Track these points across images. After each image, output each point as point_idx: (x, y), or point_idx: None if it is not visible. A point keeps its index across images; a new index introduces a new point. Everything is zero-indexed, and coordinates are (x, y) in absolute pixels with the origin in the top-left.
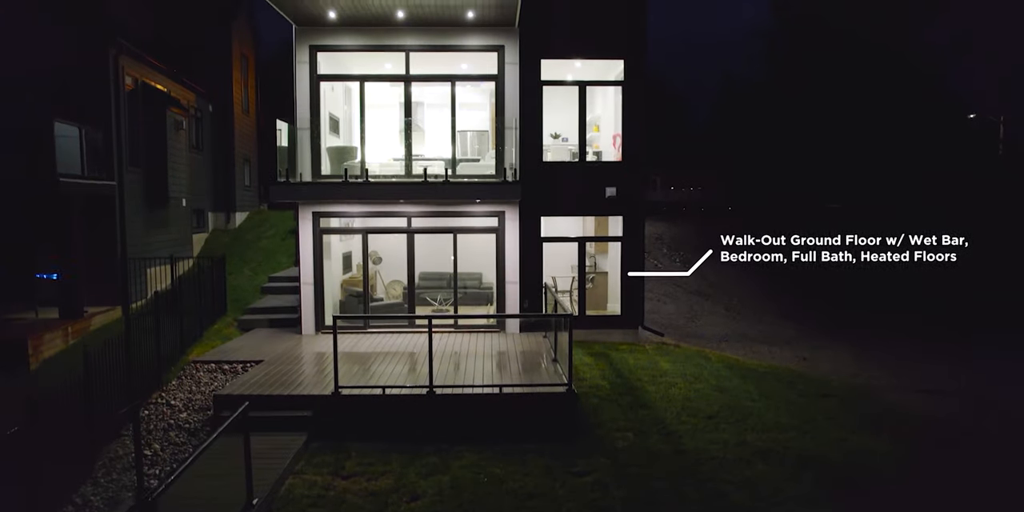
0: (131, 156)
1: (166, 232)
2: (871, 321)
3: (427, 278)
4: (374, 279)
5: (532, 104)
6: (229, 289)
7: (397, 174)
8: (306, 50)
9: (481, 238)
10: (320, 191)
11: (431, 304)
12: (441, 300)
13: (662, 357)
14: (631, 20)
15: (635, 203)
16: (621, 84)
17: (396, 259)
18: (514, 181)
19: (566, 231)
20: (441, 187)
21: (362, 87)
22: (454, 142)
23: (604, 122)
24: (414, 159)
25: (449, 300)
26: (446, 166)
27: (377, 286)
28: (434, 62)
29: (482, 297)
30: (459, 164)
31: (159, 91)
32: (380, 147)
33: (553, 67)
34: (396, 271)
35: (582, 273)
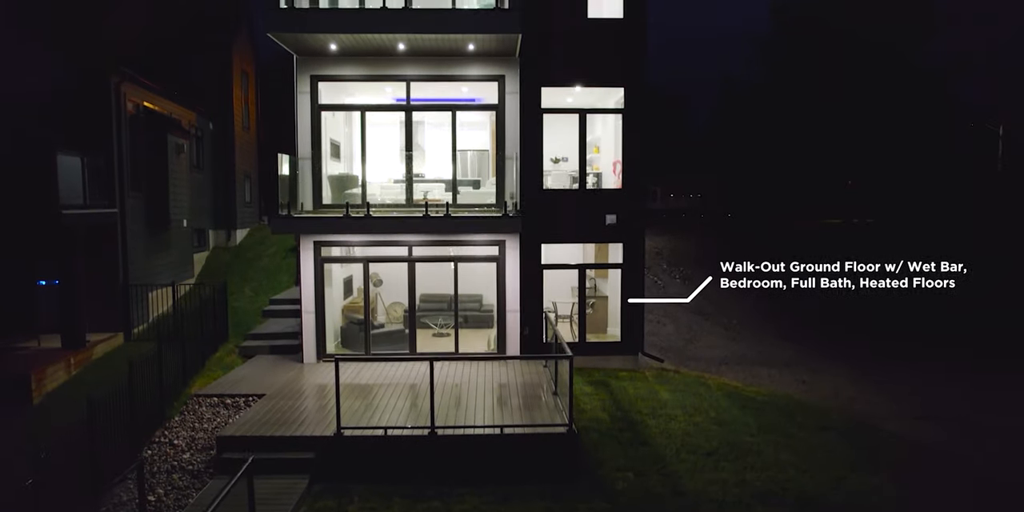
0: (132, 181)
1: (167, 254)
2: (870, 342)
3: (428, 300)
4: (375, 302)
5: (532, 132)
6: (230, 311)
7: (398, 202)
8: (307, 80)
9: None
10: (321, 225)
11: (431, 327)
12: (441, 324)
13: (662, 385)
14: (631, 49)
15: (635, 230)
16: (621, 112)
17: (397, 281)
18: (515, 215)
19: (566, 258)
20: (442, 221)
21: (363, 117)
22: (455, 168)
23: (604, 146)
24: (415, 181)
25: (449, 324)
26: (446, 188)
27: (378, 308)
28: (435, 91)
29: (483, 320)
30: (459, 192)
31: (160, 115)
32: (380, 167)
33: (553, 94)
34: (397, 293)
35: (582, 299)
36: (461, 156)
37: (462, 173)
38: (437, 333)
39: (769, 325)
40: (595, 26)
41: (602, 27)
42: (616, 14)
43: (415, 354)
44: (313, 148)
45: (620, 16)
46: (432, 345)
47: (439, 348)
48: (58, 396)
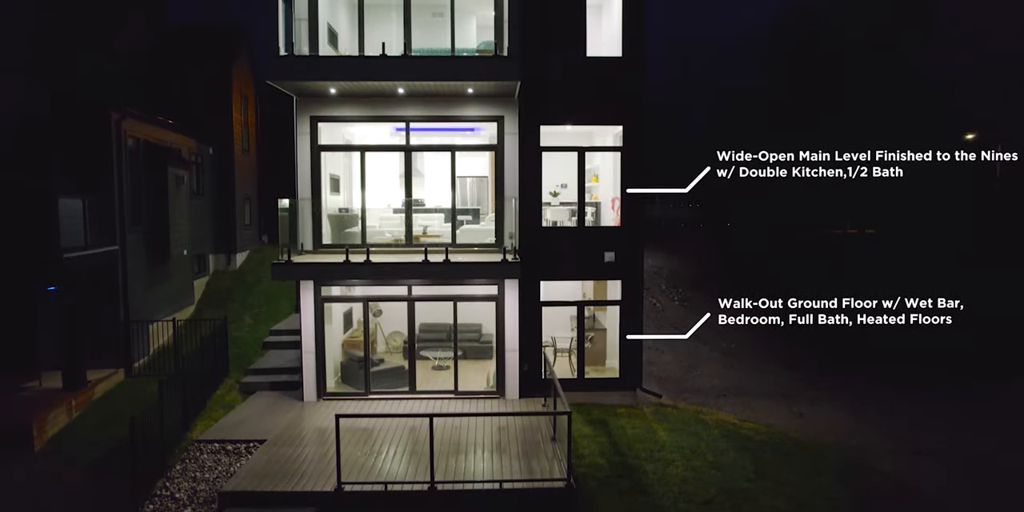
0: (133, 216)
1: (168, 283)
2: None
3: (427, 330)
4: (375, 332)
5: (531, 170)
6: (231, 341)
7: (397, 238)
8: (307, 121)
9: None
10: (321, 272)
11: (430, 360)
12: (441, 358)
13: (660, 424)
14: (630, 87)
15: (634, 267)
16: (620, 150)
17: (397, 310)
18: (514, 260)
19: (566, 295)
20: (441, 267)
21: (363, 156)
22: (454, 200)
23: (604, 179)
24: (414, 210)
25: (449, 357)
26: (445, 218)
27: (378, 337)
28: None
29: (482, 351)
30: (459, 226)
31: (160, 147)
32: (379, 194)
33: (552, 132)
34: (397, 322)
35: (581, 335)
36: (460, 183)
37: (461, 201)
38: (437, 366)
39: (768, 352)
40: (594, 64)
41: (601, 65)
42: (615, 52)
43: (415, 392)
44: (313, 188)
45: (619, 54)
46: (432, 379)
47: (439, 383)
48: (60, 442)
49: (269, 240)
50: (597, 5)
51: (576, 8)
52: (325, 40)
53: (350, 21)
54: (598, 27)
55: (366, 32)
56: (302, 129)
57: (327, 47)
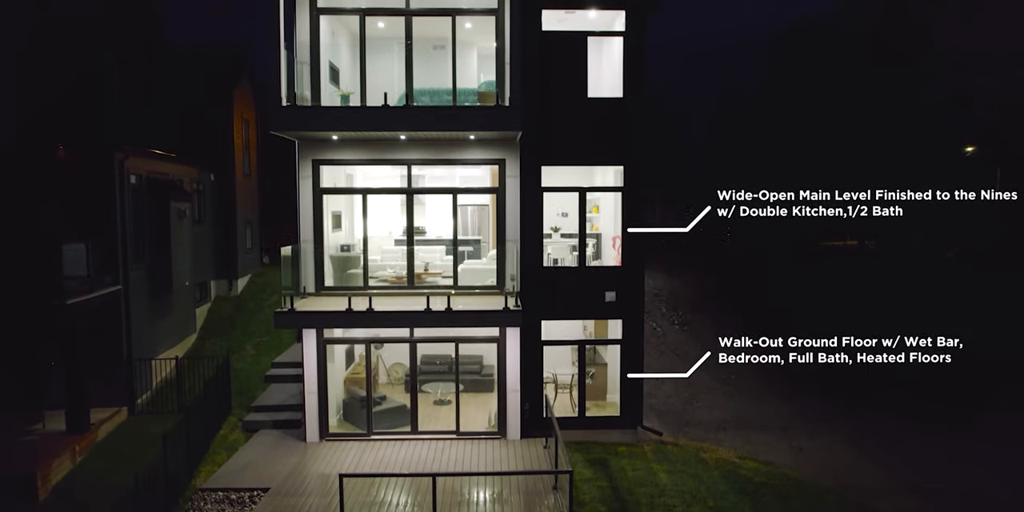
0: (136, 253)
1: (170, 315)
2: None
3: (429, 362)
4: (376, 365)
5: (532, 210)
6: (233, 374)
7: (399, 275)
8: (309, 164)
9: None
10: (324, 320)
11: (431, 394)
12: (442, 392)
13: (660, 465)
14: (631, 128)
15: (635, 307)
16: (621, 190)
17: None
18: (515, 309)
19: (566, 333)
20: (443, 315)
21: (364, 199)
22: (456, 244)
23: (604, 215)
24: (416, 242)
25: (450, 392)
26: (447, 251)
27: (379, 369)
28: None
29: (484, 384)
30: (461, 269)
31: (162, 182)
32: (382, 223)
33: (553, 173)
34: (398, 353)
35: (582, 373)
36: (461, 211)
37: (462, 230)
38: (438, 400)
39: (769, 381)
40: (595, 105)
41: (602, 106)
42: (616, 93)
43: (417, 432)
44: (315, 230)
45: (620, 95)
46: (433, 416)
47: (440, 420)
48: (64, 491)
49: (271, 261)
50: (598, 46)
51: (577, 50)
52: (327, 78)
53: (351, 56)
54: (599, 68)
55: (368, 64)
56: (304, 172)
57: (329, 85)
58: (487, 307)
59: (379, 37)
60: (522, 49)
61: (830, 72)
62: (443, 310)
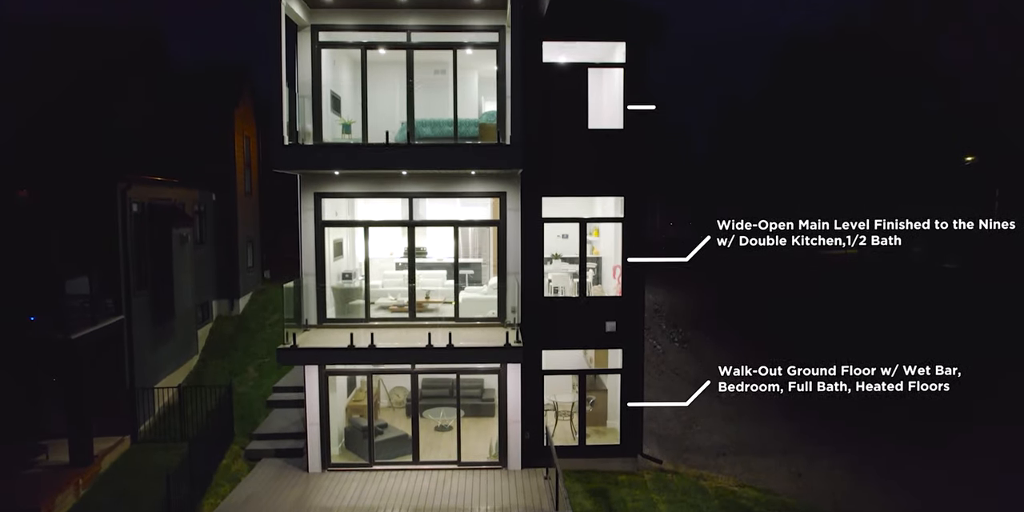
0: (138, 281)
1: (172, 339)
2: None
3: (430, 386)
4: (377, 389)
5: (533, 241)
6: (235, 397)
7: (402, 306)
8: (311, 197)
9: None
10: (327, 356)
11: (432, 419)
12: (444, 416)
13: (660, 494)
14: (631, 159)
15: (635, 337)
16: (621, 220)
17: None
18: (516, 345)
19: (567, 362)
20: (444, 352)
21: (366, 231)
22: (457, 276)
23: (605, 243)
24: (417, 266)
25: (452, 417)
26: (448, 274)
27: (381, 392)
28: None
29: (484, 409)
30: (462, 298)
31: (164, 208)
32: (383, 243)
33: (554, 203)
34: (400, 377)
35: (583, 402)
36: (462, 232)
37: (463, 253)
38: (440, 426)
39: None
40: (596, 136)
41: (603, 137)
42: (616, 124)
43: (418, 462)
44: (317, 263)
45: (620, 127)
46: (434, 443)
47: (442, 448)
48: None
49: (272, 277)
50: (598, 76)
51: (578, 81)
52: (328, 107)
53: (353, 83)
54: (599, 97)
55: (369, 88)
56: (306, 205)
57: (331, 114)
58: (488, 342)
59: (381, 62)
60: (523, 86)
61: (829, 82)
62: (444, 347)
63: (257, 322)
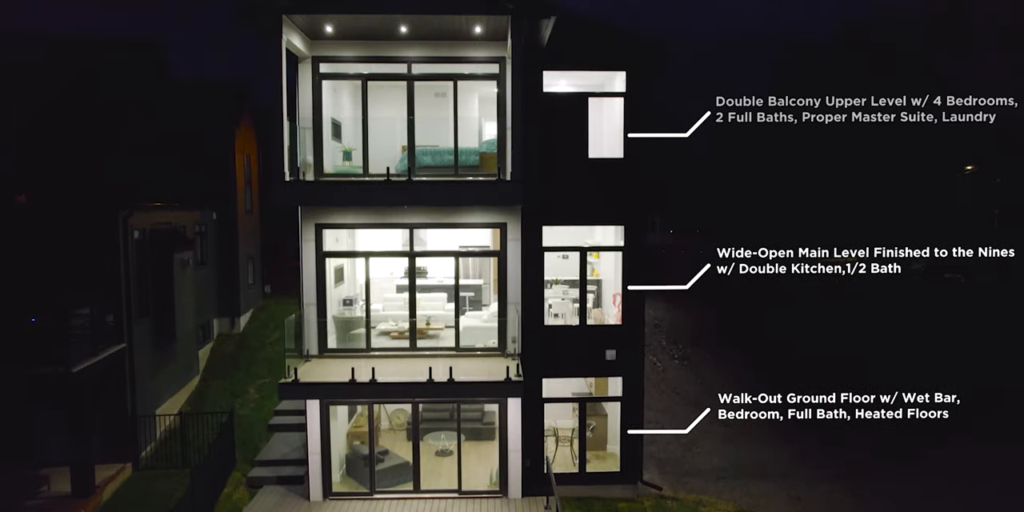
0: (139, 307)
1: (173, 362)
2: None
3: (430, 410)
4: (378, 414)
5: (533, 270)
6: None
7: (403, 333)
8: (312, 228)
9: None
10: (329, 391)
11: (433, 444)
12: (444, 439)
13: None
14: (631, 188)
15: (635, 365)
16: (622, 249)
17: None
18: (517, 380)
19: (567, 389)
20: (446, 386)
21: (367, 262)
22: (457, 303)
23: (605, 271)
24: (418, 289)
25: (452, 442)
26: (448, 297)
27: (382, 415)
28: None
29: (484, 433)
30: (463, 327)
31: (165, 233)
32: (384, 265)
33: (554, 232)
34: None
35: (583, 428)
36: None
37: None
38: (440, 450)
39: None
40: (596, 166)
41: (603, 167)
42: (617, 153)
43: (419, 491)
44: (319, 293)
45: (620, 156)
46: (435, 470)
47: (442, 475)
48: None
49: (273, 292)
50: (599, 104)
51: (578, 110)
52: (329, 135)
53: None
54: (600, 125)
55: (369, 111)
56: (307, 236)
57: (331, 142)
58: (489, 375)
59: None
60: (523, 120)
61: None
62: (445, 381)
63: (258, 340)
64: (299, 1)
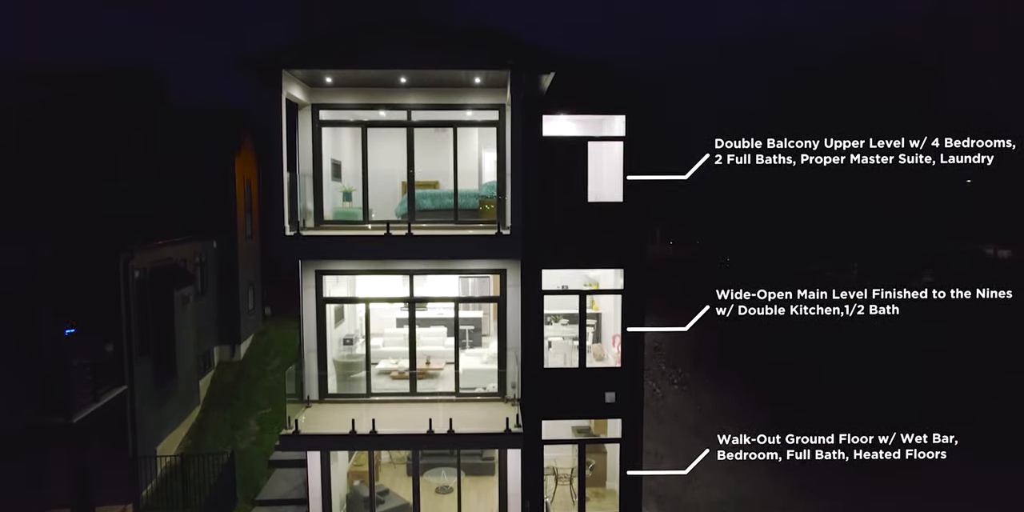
0: (140, 346)
1: (174, 395)
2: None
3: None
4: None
5: (533, 311)
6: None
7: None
8: (312, 275)
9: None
10: (330, 442)
11: (433, 481)
12: (444, 476)
13: None
14: (630, 232)
15: (634, 407)
16: (621, 292)
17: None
18: (517, 431)
19: (567, 427)
20: (446, 438)
21: (367, 309)
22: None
23: (605, 310)
24: (418, 323)
25: (452, 478)
26: (448, 332)
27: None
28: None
29: (484, 468)
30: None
31: (166, 271)
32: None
33: (554, 275)
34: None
35: (582, 467)
36: (462, 283)
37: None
38: (441, 487)
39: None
40: (596, 209)
41: (602, 210)
42: (616, 198)
43: None
44: (319, 340)
45: (620, 199)
46: (435, 507)
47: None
48: None
49: (273, 314)
50: (598, 146)
51: (577, 154)
52: (329, 175)
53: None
54: (599, 168)
55: (369, 147)
56: (307, 283)
57: (331, 183)
58: (489, 425)
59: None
60: (523, 170)
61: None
62: (446, 433)
63: (258, 369)
64: (300, 57)
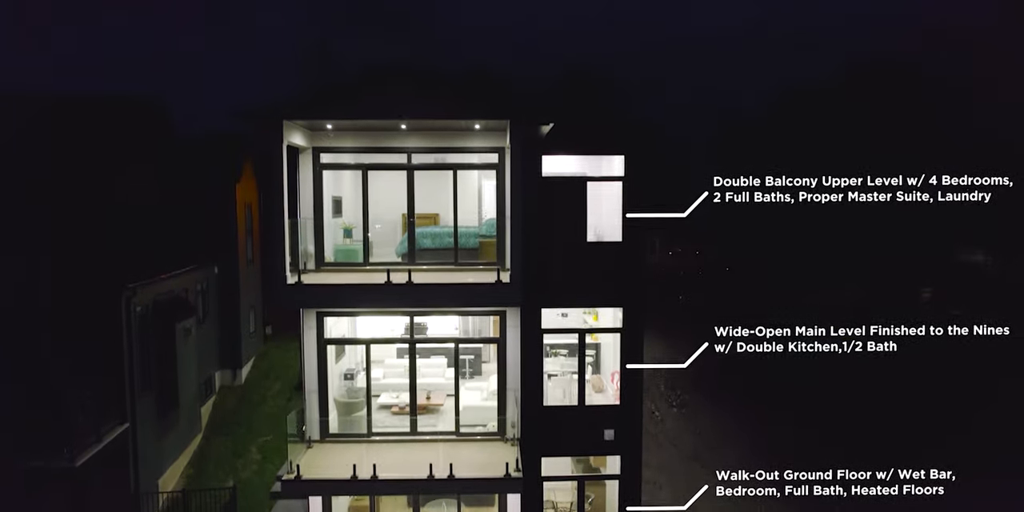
0: (142, 381)
1: (176, 425)
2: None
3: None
4: None
5: (533, 350)
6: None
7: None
8: (313, 316)
9: None
10: (330, 487)
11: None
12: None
13: None
14: (629, 271)
15: (632, 444)
16: (620, 331)
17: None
18: (516, 477)
19: (566, 466)
20: (446, 483)
21: (368, 349)
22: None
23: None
24: (417, 354)
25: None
26: (448, 362)
27: None
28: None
29: (484, 499)
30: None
31: (168, 304)
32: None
33: (553, 314)
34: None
35: (581, 501)
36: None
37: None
38: None
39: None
40: (595, 249)
41: (601, 250)
42: (615, 237)
43: None
44: (320, 380)
45: (619, 239)
46: None
47: None
48: None
49: (273, 333)
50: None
51: (577, 194)
52: (330, 213)
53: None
54: (598, 207)
55: (370, 179)
56: (308, 323)
57: (332, 220)
58: (488, 469)
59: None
60: (523, 216)
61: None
62: (446, 478)
63: (259, 394)
64: (301, 109)
